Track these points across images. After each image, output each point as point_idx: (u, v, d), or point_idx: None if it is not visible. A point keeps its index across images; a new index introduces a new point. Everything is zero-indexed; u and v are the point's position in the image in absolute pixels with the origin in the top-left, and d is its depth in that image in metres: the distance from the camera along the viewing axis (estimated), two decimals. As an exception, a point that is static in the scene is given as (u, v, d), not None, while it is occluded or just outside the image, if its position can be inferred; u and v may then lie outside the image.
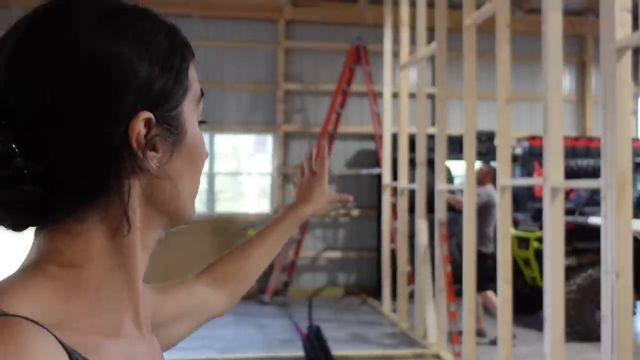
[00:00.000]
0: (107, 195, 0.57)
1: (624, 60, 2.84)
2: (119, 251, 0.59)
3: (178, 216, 0.64)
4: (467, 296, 4.57)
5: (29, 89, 0.54)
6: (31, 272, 0.56)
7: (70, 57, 0.54)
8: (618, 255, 2.82)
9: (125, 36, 0.57)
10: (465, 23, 4.60)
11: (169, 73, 0.59)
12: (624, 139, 2.84)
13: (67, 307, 0.54)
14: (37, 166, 0.54)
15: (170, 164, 0.61)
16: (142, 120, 0.57)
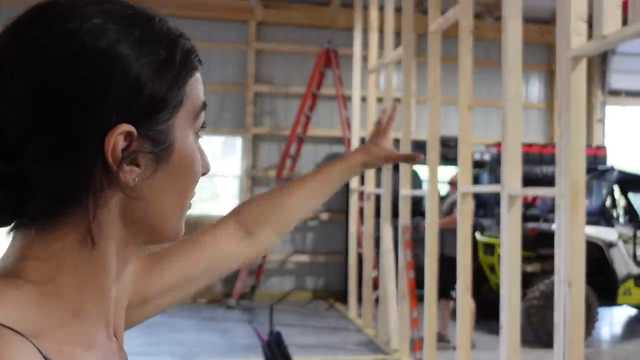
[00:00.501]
0: (80, 205, 0.55)
1: (578, 69, 2.85)
2: (92, 262, 0.57)
3: (157, 234, 0.61)
4: (428, 302, 4.55)
5: (3, 88, 0.52)
6: (11, 279, 0.54)
7: (53, 53, 0.52)
8: (570, 263, 2.82)
9: (122, 36, 0.54)
10: (430, 28, 4.59)
11: (162, 81, 0.56)
12: (577, 148, 2.84)
13: (42, 317, 0.53)
14: (9, 168, 0.52)
15: (153, 180, 0.57)
16: (121, 133, 0.53)
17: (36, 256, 0.55)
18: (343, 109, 7.55)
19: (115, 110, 0.53)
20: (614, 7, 2.61)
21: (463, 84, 4.06)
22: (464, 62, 4.05)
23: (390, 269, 5.72)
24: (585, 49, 2.75)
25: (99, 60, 0.53)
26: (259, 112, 8.39)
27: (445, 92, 6.31)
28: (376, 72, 6.47)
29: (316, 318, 7.15)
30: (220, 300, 7.75)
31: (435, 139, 4.61)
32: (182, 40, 0.61)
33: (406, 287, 5.14)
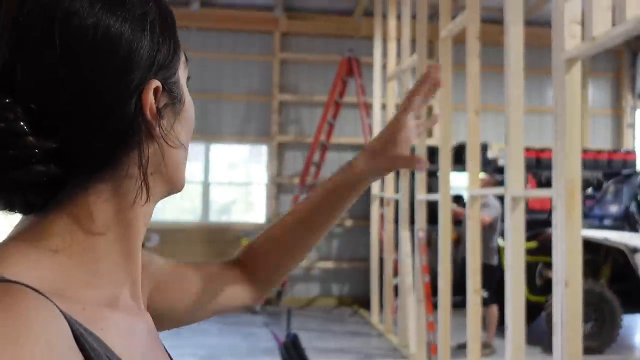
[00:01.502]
0: (122, 166, 0.57)
1: (573, 71, 2.88)
2: (124, 223, 0.58)
3: (178, 184, 0.64)
4: (441, 306, 4.58)
5: (36, 66, 0.52)
6: (31, 242, 0.54)
7: (76, 33, 0.53)
8: (567, 264, 2.83)
9: (124, 12, 0.55)
10: (440, 35, 4.65)
11: (166, 42, 0.59)
12: (572, 149, 2.86)
13: (67, 278, 0.53)
14: (49, 144, 0.52)
15: (175, 131, 0.61)
16: (152, 89, 0.57)
17: (71, 221, 0.55)
18: (365, 116, 7.64)
19: (143, 70, 0.56)
20: (604, 8, 2.64)
21: (471, 89, 4.10)
22: (472, 67, 4.10)
23: (408, 274, 5.76)
24: (578, 51, 2.78)
25: (123, 36, 0.55)
26: (283, 121, 8.55)
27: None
28: (394, 79, 6.53)
29: (339, 323, 7.22)
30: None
31: (448, 145, 4.66)
32: None
33: (422, 292, 5.17)
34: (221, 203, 8.76)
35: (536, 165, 7.94)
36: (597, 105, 9.33)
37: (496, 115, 8.51)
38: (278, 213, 8.39)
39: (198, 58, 8.30)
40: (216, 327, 6.78)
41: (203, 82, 8.35)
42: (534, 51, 7.14)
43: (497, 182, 5.52)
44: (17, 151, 0.51)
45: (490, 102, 8.38)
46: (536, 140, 8.67)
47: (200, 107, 8.28)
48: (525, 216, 3.42)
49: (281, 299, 8.09)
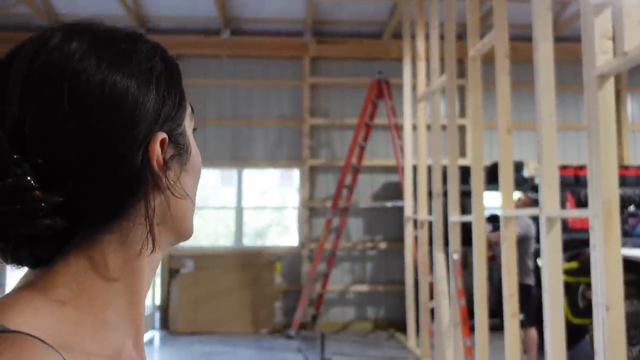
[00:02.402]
0: (129, 217, 0.58)
1: (606, 87, 2.80)
2: (131, 272, 0.59)
3: (185, 233, 0.65)
4: (479, 330, 4.46)
5: (45, 121, 0.53)
6: (38, 293, 0.54)
7: (83, 90, 0.55)
8: (607, 286, 2.73)
9: (130, 68, 0.58)
10: (469, 55, 4.61)
11: (172, 95, 0.61)
12: (608, 166, 2.77)
13: (73, 329, 0.53)
14: (56, 197, 0.53)
15: (181, 181, 0.62)
16: (158, 141, 0.58)
17: (78, 272, 0.56)
18: (396, 138, 7.60)
19: (149, 123, 0.58)
20: (635, 22, 2.58)
21: (502, 108, 4.04)
22: (502, 85, 4.04)
23: (443, 297, 5.64)
24: (609, 67, 2.71)
25: (129, 91, 0.57)
26: (315, 145, 8.57)
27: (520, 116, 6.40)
28: (425, 100, 6.50)
29: (375, 348, 7.10)
30: (281, 330, 7.86)
31: (480, 164, 4.58)
32: (166, 51, 0.65)
33: (458, 315, 5.05)
34: (254, 228, 8.80)
35: (575, 183, 7.73)
36: (636, 120, 9.07)
37: (532, 133, 8.36)
38: (311, 236, 8.37)
39: (229, 85, 8.44)
40: (251, 352, 6.76)
41: (235, 108, 8.47)
42: (569, 67, 7.05)
43: (534, 202, 5.39)
44: (24, 205, 0.52)
45: (525, 119, 8.24)
46: (574, 158, 8.48)
47: (232, 133, 8.40)
48: (564, 236, 3.33)
49: (316, 324, 8.02)
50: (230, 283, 7.94)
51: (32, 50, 0.56)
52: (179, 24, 8.22)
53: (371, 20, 8.24)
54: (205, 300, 7.85)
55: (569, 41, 7.57)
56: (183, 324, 7.74)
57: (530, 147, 8.44)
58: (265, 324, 7.90)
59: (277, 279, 8.04)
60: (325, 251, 8.03)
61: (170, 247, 0.66)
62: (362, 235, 8.49)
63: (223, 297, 7.89)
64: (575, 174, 7.81)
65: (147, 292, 0.63)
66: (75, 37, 0.57)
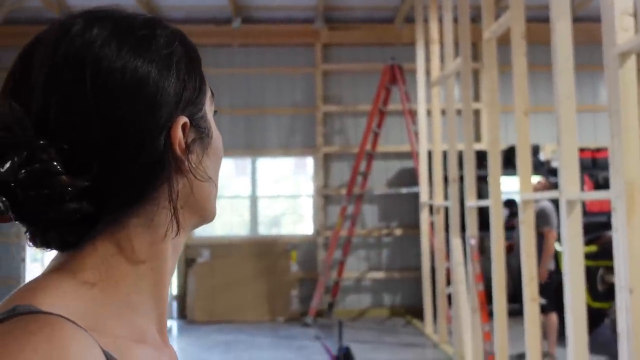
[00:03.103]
0: (153, 200, 0.59)
1: (627, 65, 2.73)
2: (156, 255, 0.61)
3: (208, 216, 0.67)
4: (497, 315, 4.42)
5: (69, 108, 0.55)
6: (65, 276, 0.56)
7: (105, 76, 0.56)
8: (630, 269, 2.67)
9: (150, 53, 0.59)
10: (484, 36, 4.54)
11: (192, 79, 0.62)
12: (631, 147, 2.71)
13: (100, 311, 0.55)
14: (81, 182, 0.54)
15: (203, 164, 0.63)
16: (180, 125, 0.59)
17: (105, 255, 0.58)
18: (410, 123, 7.54)
19: (171, 107, 0.59)
20: (657, -2, 2.50)
21: (518, 90, 3.97)
22: (518, 67, 3.97)
23: (461, 283, 5.60)
24: (631, 44, 2.64)
25: (150, 75, 0.58)
26: (328, 132, 8.53)
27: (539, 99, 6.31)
28: (439, 84, 6.42)
29: (392, 334, 7.09)
30: (297, 318, 7.87)
31: (496, 148, 4.52)
32: (186, 36, 0.66)
33: (476, 300, 5.01)
34: (269, 216, 8.80)
35: (592, 165, 7.63)
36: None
37: (548, 115, 8.25)
38: (326, 224, 8.36)
39: (241, 74, 8.41)
40: (268, 340, 6.78)
41: (247, 97, 8.44)
42: (584, 48, 6.92)
43: (552, 185, 5.32)
44: (51, 190, 0.53)
45: (541, 102, 8.14)
46: (591, 140, 8.36)
47: (245, 122, 8.38)
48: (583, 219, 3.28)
49: (332, 311, 8.03)
50: (246, 272, 7.96)
51: (55, 38, 0.58)
52: (189, 13, 8.18)
53: (383, 5, 8.15)
54: (221, 289, 7.89)
55: (583, 21, 7.43)
56: (200, 313, 7.79)
57: (546, 130, 8.32)
58: (281, 312, 7.92)
59: (292, 267, 8.05)
60: (341, 239, 8.02)
61: (194, 229, 0.67)
62: (378, 222, 8.46)
63: (239, 286, 7.91)
64: (592, 156, 7.71)
65: (171, 277, 0.64)
66: (97, 24, 0.58)
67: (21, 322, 0.48)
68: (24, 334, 0.47)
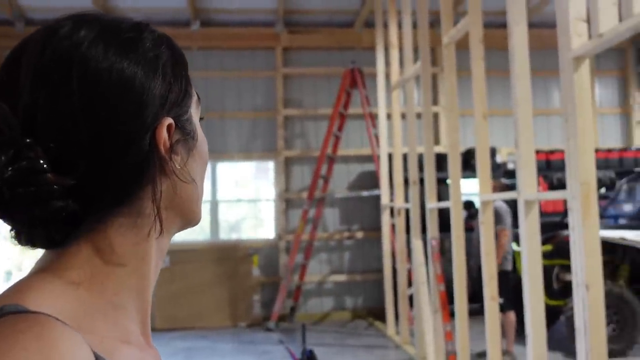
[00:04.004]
0: (138, 200, 0.60)
1: (581, 69, 2.83)
2: (140, 256, 0.61)
3: (192, 218, 0.67)
4: (459, 316, 4.50)
5: (56, 107, 0.55)
6: (52, 276, 0.56)
7: (92, 76, 0.57)
8: (587, 266, 2.76)
9: (137, 55, 0.60)
10: (443, 41, 4.62)
11: (178, 82, 0.63)
12: (586, 148, 2.80)
13: (86, 310, 0.55)
14: (67, 180, 0.55)
15: (187, 167, 0.64)
16: (165, 126, 0.60)
17: (90, 255, 0.58)
18: (371, 127, 7.61)
19: (156, 108, 0.60)
20: (609, 4, 2.60)
21: (477, 93, 4.06)
22: (477, 71, 4.06)
23: (423, 284, 5.68)
24: (585, 49, 2.73)
25: (136, 76, 0.59)
26: (289, 136, 8.53)
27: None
28: (398, 88, 6.50)
29: (355, 337, 7.12)
30: (260, 323, 7.82)
31: (456, 151, 4.60)
32: (173, 40, 0.67)
33: (438, 301, 5.09)
34: (230, 221, 8.72)
35: (546, 167, 7.86)
36: (604, 104, 9.25)
37: (503, 119, 8.46)
38: (287, 228, 8.35)
39: (201, 77, 8.32)
40: (231, 346, 6.72)
41: (207, 101, 8.35)
42: (537, 53, 7.12)
43: (504, 187, 5.45)
44: (38, 188, 0.53)
45: (495, 107, 8.33)
46: (545, 143, 8.61)
47: (205, 126, 8.21)
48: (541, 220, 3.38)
49: (295, 315, 8.01)
50: (207, 277, 7.87)
51: (42, 39, 0.58)
52: (146, 15, 8.05)
53: (343, 9, 8.21)
54: (182, 295, 7.77)
55: (536, 27, 7.65)
56: (161, 320, 7.65)
57: (501, 133, 8.54)
58: (243, 318, 7.86)
59: (254, 271, 8.00)
60: (302, 242, 8.02)
61: (178, 232, 0.68)
62: (339, 225, 8.50)
63: (200, 292, 7.82)
64: (547, 158, 7.94)
65: (155, 279, 0.64)
66: (84, 26, 0.59)
67: (9, 322, 0.48)
68: (13, 333, 0.47)
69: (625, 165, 7.94)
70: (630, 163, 7.95)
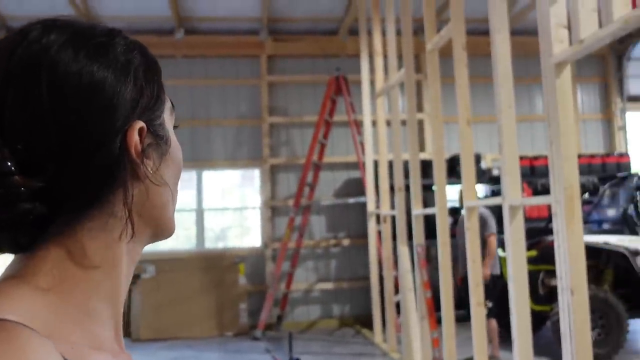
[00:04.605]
0: (108, 204, 0.59)
1: (563, 75, 2.85)
2: (111, 260, 0.60)
3: (165, 227, 0.66)
4: (445, 323, 4.49)
5: (24, 109, 0.55)
6: (20, 281, 0.55)
7: (61, 79, 0.56)
8: (572, 271, 2.77)
9: (107, 59, 0.59)
10: (427, 48, 4.64)
11: (150, 87, 0.63)
12: (569, 154, 2.82)
13: (56, 317, 0.54)
14: (35, 182, 0.54)
15: (160, 172, 0.63)
16: (136, 129, 0.59)
17: (59, 260, 0.57)
18: (356, 134, 7.62)
19: (127, 111, 0.59)
20: (589, 10, 2.63)
21: (461, 99, 4.08)
22: (460, 77, 4.08)
23: (409, 290, 5.67)
24: (566, 54, 2.76)
25: (106, 80, 0.58)
26: (275, 143, 8.51)
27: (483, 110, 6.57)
28: (383, 95, 6.52)
29: (342, 345, 7.09)
30: (247, 332, 7.77)
31: (441, 157, 4.61)
32: (146, 47, 0.67)
33: (425, 308, 5.08)
34: (216, 229, 8.67)
35: (530, 173, 7.92)
36: (586, 110, 9.36)
37: (487, 126, 8.53)
38: (273, 236, 8.31)
39: (185, 86, 8.28)
40: (217, 355, 6.65)
41: (192, 109, 8.32)
42: (519, 60, 7.20)
43: None
44: (4, 190, 0.52)
45: (479, 114, 8.39)
46: (528, 149, 8.68)
47: (190, 134, 8.25)
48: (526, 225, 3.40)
49: (282, 324, 7.96)
50: (193, 286, 7.80)
51: (12, 43, 0.58)
52: (130, 24, 8.01)
53: (327, 17, 8.23)
54: (168, 305, 7.69)
55: (519, 35, 7.73)
56: (146, 330, 7.56)
57: (485, 140, 8.60)
58: (230, 327, 7.79)
59: (241, 280, 7.95)
60: (289, 250, 7.99)
61: (151, 242, 0.67)
62: (325, 232, 8.48)
63: (186, 301, 7.74)
64: (531, 164, 8.00)
65: (127, 286, 0.63)
66: (55, 30, 0.59)
67: None
68: None
69: (608, 170, 8.03)
70: (612, 168, 8.04)
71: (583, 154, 8.37)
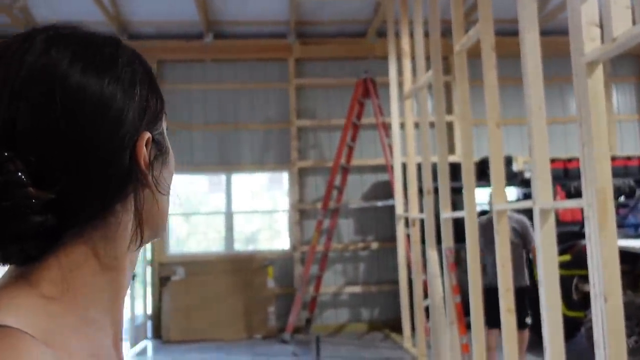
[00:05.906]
0: (116, 214, 0.60)
1: (595, 74, 2.77)
2: (114, 269, 0.61)
3: (156, 231, 0.67)
4: (475, 329, 4.41)
5: (37, 122, 0.55)
6: (25, 288, 0.55)
7: (73, 93, 0.57)
8: (605, 276, 2.69)
9: (115, 72, 0.60)
10: (455, 49, 4.57)
11: (154, 97, 0.65)
12: (601, 155, 2.74)
13: (57, 326, 0.54)
14: (47, 194, 0.54)
15: (163, 179, 0.65)
16: (144, 141, 0.61)
17: (64, 268, 0.57)
18: (384, 137, 7.56)
19: (136, 123, 0.61)
20: (623, 7, 2.54)
21: (490, 101, 4.00)
22: (489, 79, 4.00)
23: (438, 295, 5.59)
24: (598, 53, 2.67)
25: (116, 93, 0.59)
26: (303, 147, 8.51)
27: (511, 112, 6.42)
28: (411, 97, 6.46)
29: (371, 349, 7.04)
30: (275, 335, 7.77)
31: (470, 160, 4.54)
32: (142, 57, 0.68)
33: (454, 313, 5.00)
34: (245, 232, 8.71)
35: (564, 175, 7.74)
36: (622, 111, 9.11)
37: (519, 128, 8.37)
38: (302, 239, 8.31)
39: (214, 89, 8.35)
40: (246, 358, 6.67)
41: (221, 113, 8.39)
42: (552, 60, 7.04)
43: None
44: (16, 201, 0.52)
45: (510, 115, 8.24)
46: (562, 151, 8.48)
47: (219, 138, 8.31)
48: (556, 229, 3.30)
49: (310, 327, 7.95)
50: (222, 289, 7.85)
51: (19, 53, 0.58)
52: (160, 29, 8.12)
53: (355, 19, 8.20)
54: (197, 307, 7.75)
55: (550, 34, 7.58)
56: (175, 332, 7.63)
57: (516, 142, 8.44)
58: (259, 329, 7.81)
59: (269, 283, 7.96)
60: (317, 253, 7.97)
61: (146, 243, 0.67)
62: (354, 235, 8.44)
63: (215, 304, 7.79)
64: (564, 166, 7.82)
65: (126, 291, 0.64)
66: (61, 42, 0.59)
67: None
68: None
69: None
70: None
71: (619, 156, 8.14)
